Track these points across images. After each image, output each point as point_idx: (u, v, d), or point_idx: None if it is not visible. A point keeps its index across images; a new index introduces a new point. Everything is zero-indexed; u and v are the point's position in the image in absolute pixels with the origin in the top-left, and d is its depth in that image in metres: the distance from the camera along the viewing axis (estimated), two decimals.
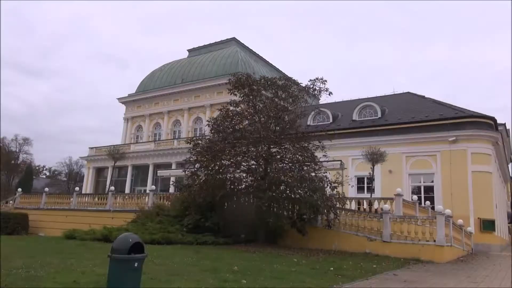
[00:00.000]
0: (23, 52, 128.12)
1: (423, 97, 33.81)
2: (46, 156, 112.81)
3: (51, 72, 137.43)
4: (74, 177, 77.25)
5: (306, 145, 17.54)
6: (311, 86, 18.46)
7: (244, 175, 17.52)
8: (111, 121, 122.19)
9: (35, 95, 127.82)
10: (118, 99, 56.70)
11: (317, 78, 18.30)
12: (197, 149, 17.73)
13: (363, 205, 19.13)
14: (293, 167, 16.97)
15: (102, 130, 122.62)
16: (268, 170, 16.60)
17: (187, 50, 60.51)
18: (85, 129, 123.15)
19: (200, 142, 18.28)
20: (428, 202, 24.79)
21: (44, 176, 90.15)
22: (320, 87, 18.35)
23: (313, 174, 16.60)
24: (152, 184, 39.46)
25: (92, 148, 51.80)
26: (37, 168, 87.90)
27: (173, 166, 41.46)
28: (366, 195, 27.23)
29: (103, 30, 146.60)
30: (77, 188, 31.83)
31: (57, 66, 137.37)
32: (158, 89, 52.84)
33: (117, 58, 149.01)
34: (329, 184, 16.90)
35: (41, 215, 28.32)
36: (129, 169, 46.76)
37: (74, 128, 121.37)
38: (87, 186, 50.23)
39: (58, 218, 26.98)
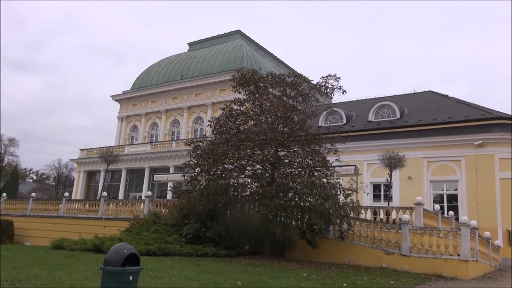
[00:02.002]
0: (10, 45, 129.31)
1: (446, 96, 33.66)
2: (33, 158, 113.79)
3: (40, 67, 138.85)
4: (63, 181, 77.62)
5: (317, 148, 17.49)
6: (323, 83, 18.44)
7: (249, 180, 17.50)
8: (104, 120, 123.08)
9: (23, 91, 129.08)
10: (111, 96, 57.02)
11: (329, 75, 18.28)
12: (197, 152, 17.75)
13: (379, 214, 19.03)
14: (303, 172, 16.94)
15: (95, 130, 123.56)
16: (275, 176, 16.57)
17: (187, 43, 60.80)
18: (76, 129, 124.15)
19: (200, 144, 18.30)
20: (451, 212, 24.63)
21: (31, 180, 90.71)
22: (333, 85, 18.32)
23: (324, 180, 16.54)
24: (148, 190, 39.61)
25: (83, 149, 52.09)
26: (23, 171, 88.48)
27: (171, 170, 41.56)
28: (383, 203, 27.09)
29: (97, 21, 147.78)
30: (66, 194, 31.97)
31: (47, 61, 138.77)
32: (155, 85, 53.11)
33: (112, 52, 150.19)
34: (342, 192, 16.84)
35: (28, 222, 28.47)
36: (123, 173, 46.97)
37: (64, 128, 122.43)
38: (78, 191, 50.49)
39: (46, 226, 27.11)
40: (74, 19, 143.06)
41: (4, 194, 34.21)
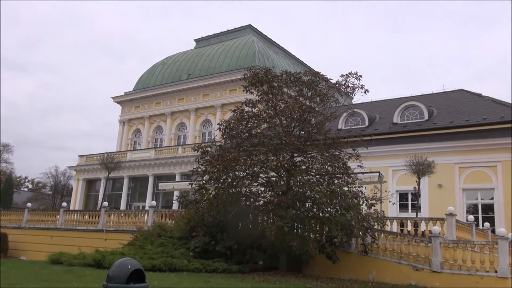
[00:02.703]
0: (3, 43, 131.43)
1: (479, 95, 33.32)
2: (29, 165, 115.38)
3: (35, 66, 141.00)
4: (60, 190, 78.52)
5: (337, 153, 17.44)
6: (343, 82, 18.40)
7: (262, 189, 17.50)
8: (105, 124, 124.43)
9: (17, 93, 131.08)
10: (112, 98, 57.60)
11: (350, 73, 18.24)
12: (206, 158, 17.80)
13: (407, 226, 18.86)
14: (322, 180, 16.90)
15: (94, 134, 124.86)
16: (291, 184, 16.53)
17: (194, 40, 61.24)
18: (74, 133, 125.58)
19: (209, 149, 18.36)
20: (487, 224, 24.31)
21: (26, 189, 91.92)
22: (354, 84, 18.27)
23: (345, 188, 16.48)
24: (153, 199, 39.75)
25: (82, 156, 52.65)
26: (18, 179, 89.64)
27: (177, 178, 41.78)
28: (410, 214, 26.88)
29: (97, 16, 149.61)
30: (64, 204, 32.31)
31: (43, 60, 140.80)
32: (159, 86, 53.51)
33: (113, 50, 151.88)
34: (365, 201, 16.74)
35: (23, 235, 28.79)
36: (125, 181, 47.34)
37: (61, 132, 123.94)
38: (76, 201, 50.99)
39: (42, 239, 27.38)
40: (72, 14, 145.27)
41: None
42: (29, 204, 34.14)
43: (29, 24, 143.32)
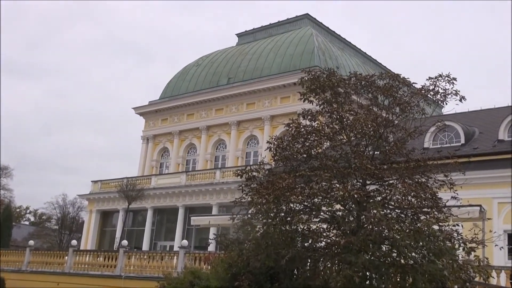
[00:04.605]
0: (4, 43, 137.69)
1: None
2: (31, 192, 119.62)
3: (41, 69, 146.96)
4: (69, 224, 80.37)
5: (423, 180, 17.05)
6: (431, 87, 18.06)
7: (325, 226, 17.32)
8: (125, 141, 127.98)
9: (19, 102, 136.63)
10: (134, 109, 58.99)
11: (440, 75, 17.89)
12: (251, 185, 17.81)
13: None
14: (403, 216, 16.53)
15: (111, 154, 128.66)
16: (363, 220, 16.29)
17: (236, 34, 62.21)
18: (86, 152, 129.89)
19: (256, 174, 18.36)
20: None
21: (28, 223, 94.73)
22: (445, 89, 17.89)
23: (435, 227, 16.04)
24: (183, 238, 40.16)
25: (96, 182, 53.96)
26: (18, 210, 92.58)
27: (215, 211, 42.07)
28: None
29: (116, 6, 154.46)
30: (74, 242, 33.10)
31: (51, 61, 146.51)
32: (192, 93, 54.35)
33: (136, 47, 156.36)
34: (462, 244, 16.23)
35: (24, 280, 29.70)
36: (149, 213, 48.08)
37: (71, 151, 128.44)
38: (88, 238, 52.15)
39: (47, 285, 28.12)
40: (85, 5, 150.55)
41: None
42: (31, 242, 35.16)
43: (33, 19, 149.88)
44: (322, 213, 17.34)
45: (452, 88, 17.94)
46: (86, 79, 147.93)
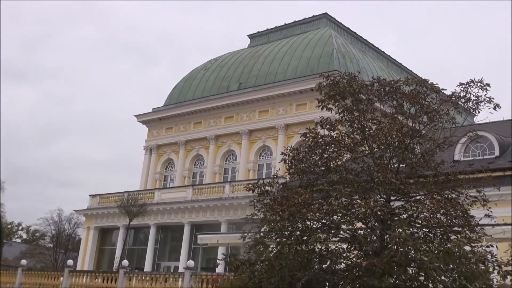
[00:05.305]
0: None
1: None
2: (24, 207, 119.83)
3: (38, 72, 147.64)
4: (65, 242, 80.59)
5: (453, 196, 16.98)
6: (462, 94, 18.01)
7: (345, 246, 17.26)
8: (125, 151, 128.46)
9: (14, 107, 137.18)
10: (136, 116, 59.13)
11: (472, 81, 17.82)
12: (264, 201, 17.82)
13: None
14: (432, 235, 16.47)
15: (111, 165, 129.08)
16: (387, 240, 16.23)
17: (248, 35, 62.45)
18: (84, 163, 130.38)
19: (269, 188, 18.35)
20: None
21: (20, 240, 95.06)
22: (477, 96, 17.81)
23: (467, 248, 15.95)
24: (189, 258, 40.13)
25: (94, 196, 54.14)
26: (10, 227, 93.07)
27: (224, 228, 42.04)
28: None
29: (118, 7, 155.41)
30: (69, 262, 33.19)
31: (48, 63, 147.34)
32: (200, 100, 54.47)
33: (139, 49, 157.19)
34: (496, 267, 16.13)
35: None
36: (152, 231, 48.13)
37: (68, 161, 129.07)
38: (86, 258, 52.24)
39: None
40: (85, 4, 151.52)
41: None
42: (23, 261, 35.28)
43: (29, 19, 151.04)
44: (341, 232, 17.29)
45: (485, 95, 17.86)
46: (85, 83, 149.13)
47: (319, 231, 16.99)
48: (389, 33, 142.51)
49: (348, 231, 17.30)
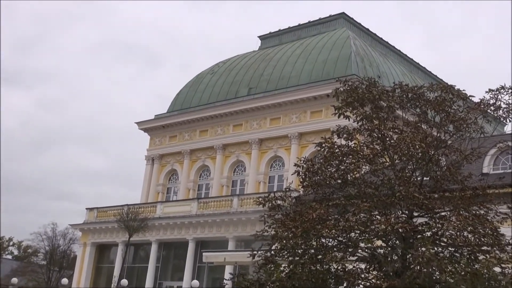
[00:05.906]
0: None
1: None
2: (15, 221, 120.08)
3: (33, 76, 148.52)
4: (59, 259, 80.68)
5: (482, 212, 16.90)
6: (492, 101, 17.96)
7: (363, 266, 17.22)
8: (125, 161, 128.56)
9: (4, 114, 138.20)
10: (137, 123, 59.28)
11: (502, 87, 17.82)
12: (275, 216, 17.81)
13: None
14: (458, 255, 16.39)
15: (110, 176, 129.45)
16: (409, 259, 16.17)
17: (259, 37, 62.59)
18: (81, 174, 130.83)
19: (281, 202, 18.36)
20: None
21: (11, 257, 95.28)
22: (508, 104, 17.81)
23: (497, 269, 15.85)
24: (193, 278, 40.20)
25: (91, 209, 54.25)
26: (0, 242, 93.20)
27: (231, 246, 42.01)
28: None
29: (119, 7, 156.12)
30: (64, 280, 33.41)
31: (43, 67, 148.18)
32: (206, 106, 54.57)
33: (142, 51, 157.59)
34: None
35: None
36: (154, 248, 48.15)
37: (63, 172, 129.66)
38: (82, 276, 52.24)
39: None
40: (83, 4, 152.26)
41: None
42: (14, 280, 35.51)
43: (22, 19, 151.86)
44: (360, 251, 17.28)
45: None
46: (83, 88, 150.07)
47: (335, 249, 16.98)
48: (413, 35, 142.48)
49: (366, 250, 17.27)
